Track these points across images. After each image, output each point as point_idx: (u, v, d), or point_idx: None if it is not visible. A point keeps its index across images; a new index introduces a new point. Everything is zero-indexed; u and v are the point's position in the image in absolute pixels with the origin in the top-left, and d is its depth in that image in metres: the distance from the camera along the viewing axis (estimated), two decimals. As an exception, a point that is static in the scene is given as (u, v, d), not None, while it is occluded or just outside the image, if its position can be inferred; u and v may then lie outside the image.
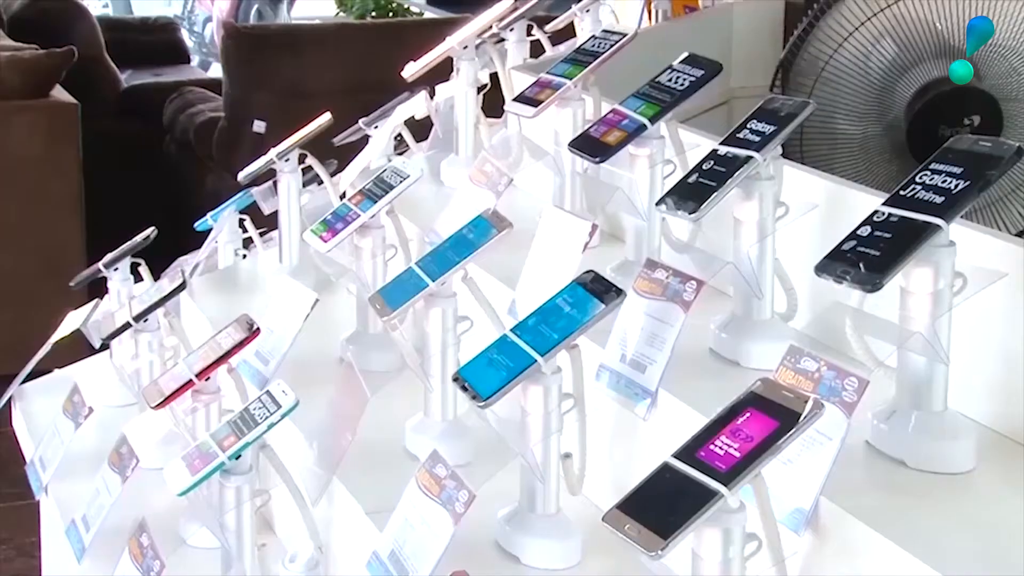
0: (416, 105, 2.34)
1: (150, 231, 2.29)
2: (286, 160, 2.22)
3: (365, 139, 2.46)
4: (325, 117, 2.27)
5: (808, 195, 1.57)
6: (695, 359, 1.57)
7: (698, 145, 1.70)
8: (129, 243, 2.31)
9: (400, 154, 2.49)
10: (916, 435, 1.32)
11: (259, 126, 4.48)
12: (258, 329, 1.77)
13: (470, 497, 1.40)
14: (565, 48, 2.56)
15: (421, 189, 2.25)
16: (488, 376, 1.45)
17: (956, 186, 1.29)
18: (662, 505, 1.17)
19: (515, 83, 2.31)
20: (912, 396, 1.33)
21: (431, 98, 2.38)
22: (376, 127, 2.41)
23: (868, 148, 2.63)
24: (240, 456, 1.57)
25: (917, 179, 1.32)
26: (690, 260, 1.61)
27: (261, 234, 2.54)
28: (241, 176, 2.31)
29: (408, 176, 1.88)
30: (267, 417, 1.57)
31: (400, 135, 2.45)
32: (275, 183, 2.29)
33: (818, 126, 2.64)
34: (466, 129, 2.30)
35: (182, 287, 2.01)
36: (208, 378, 1.77)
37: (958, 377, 1.33)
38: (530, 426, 1.46)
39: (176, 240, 2.76)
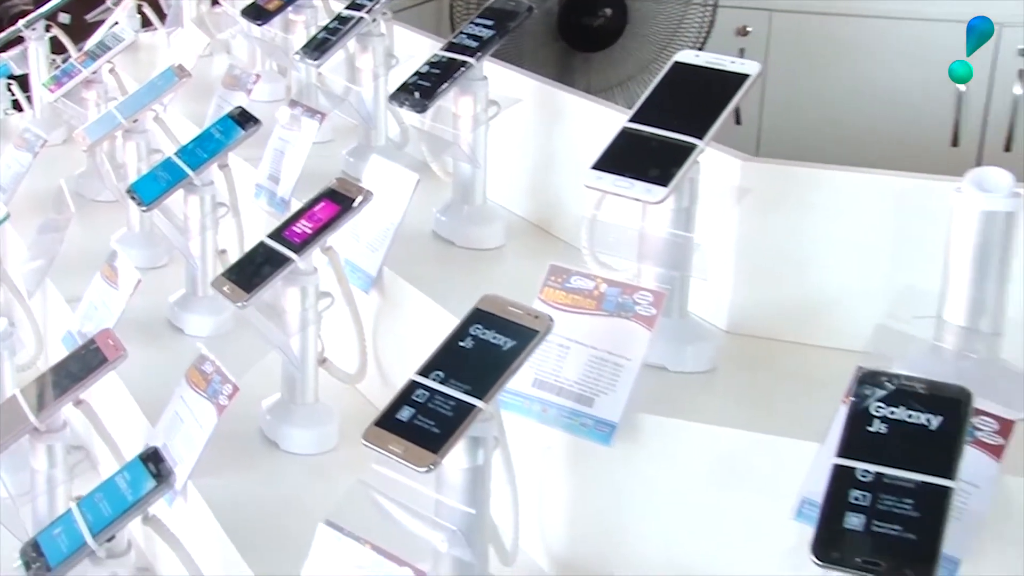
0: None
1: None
2: (33, 29, 2.57)
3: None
4: (66, -11, 2.62)
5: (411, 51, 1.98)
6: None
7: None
8: None
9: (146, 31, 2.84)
10: (463, 222, 1.75)
11: (64, 18, 4.74)
12: (-10, 163, 2.14)
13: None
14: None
15: (152, 56, 2.63)
16: (152, 187, 1.85)
17: (487, 35, 1.71)
18: (253, 271, 1.57)
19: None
20: (462, 193, 1.76)
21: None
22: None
23: (535, 33, 3.00)
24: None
25: (464, 30, 1.74)
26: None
27: (29, 98, 2.88)
28: (-8, 44, 2.66)
29: (123, 40, 2.25)
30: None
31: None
32: (25, 50, 2.63)
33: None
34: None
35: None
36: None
37: (499, 178, 1.77)
38: (191, 230, 1.86)
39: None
